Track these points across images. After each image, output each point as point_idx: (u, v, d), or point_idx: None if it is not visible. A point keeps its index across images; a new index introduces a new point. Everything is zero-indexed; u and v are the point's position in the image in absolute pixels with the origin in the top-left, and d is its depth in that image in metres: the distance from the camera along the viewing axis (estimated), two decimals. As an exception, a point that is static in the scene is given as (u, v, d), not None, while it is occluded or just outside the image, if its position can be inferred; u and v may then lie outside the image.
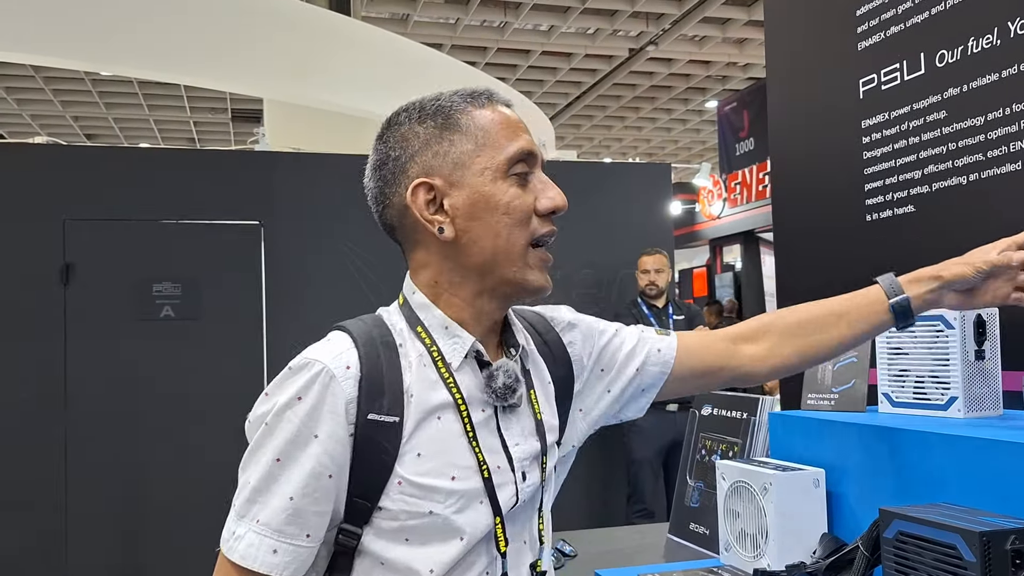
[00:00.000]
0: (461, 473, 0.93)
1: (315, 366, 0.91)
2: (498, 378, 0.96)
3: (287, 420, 0.89)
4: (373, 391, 0.91)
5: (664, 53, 11.59)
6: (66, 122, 13.80)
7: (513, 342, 1.04)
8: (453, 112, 0.98)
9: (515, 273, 0.97)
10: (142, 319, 3.94)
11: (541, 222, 0.98)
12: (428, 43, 10.34)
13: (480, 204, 0.95)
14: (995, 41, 1.57)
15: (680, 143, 17.38)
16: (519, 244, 0.96)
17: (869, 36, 1.86)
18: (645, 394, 1.15)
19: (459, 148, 0.97)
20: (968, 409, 1.41)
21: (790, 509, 1.42)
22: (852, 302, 1.17)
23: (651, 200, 4.83)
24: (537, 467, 1.01)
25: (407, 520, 0.91)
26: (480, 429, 0.96)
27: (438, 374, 0.95)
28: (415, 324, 0.98)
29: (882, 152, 1.82)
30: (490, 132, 0.97)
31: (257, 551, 0.88)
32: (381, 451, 0.90)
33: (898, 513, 1.11)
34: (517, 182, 0.97)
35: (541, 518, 1.03)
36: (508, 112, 1.01)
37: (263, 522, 0.88)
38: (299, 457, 0.89)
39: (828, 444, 1.51)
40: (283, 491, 0.88)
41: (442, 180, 0.96)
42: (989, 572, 0.98)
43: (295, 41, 5.62)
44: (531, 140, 1.00)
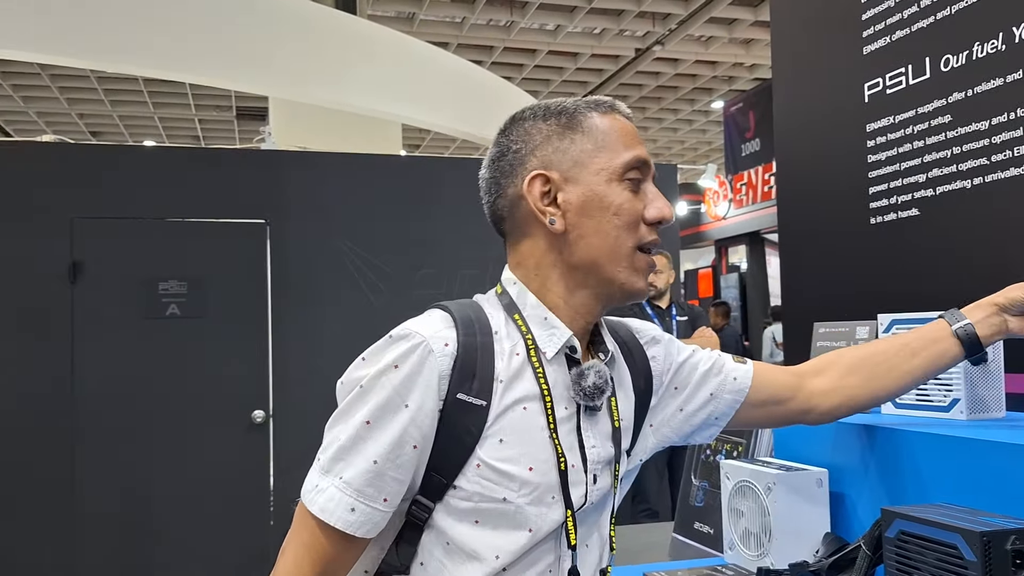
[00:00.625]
0: (539, 465, 0.95)
1: (415, 337, 0.93)
2: (588, 377, 0.98)
3: (381, 386, 0.92)
4: (466, 372, 0.94)
5: (670, 53, 11.60)
6: (71, 120, 13.84)
7: (603, 347, 1.06)
8: (577, 114, 1.02)
9: (619, 273, 1.00)
10: (148, 317, 3.97)
11: (648, 230, 1.01)
12: (434, 42, 10.36)
13: (593, 202, 0.99)
14: (1000, 46, 1.59)
15: (686, 143, 17.38)
16: (626, 246, 1.00)
17: (874, 40, 1.87)
18: (718, 422, 1.17)
19: (579, 147, 1.00)
20: (971, 411, 1.42)
21: (793, 508, 1.44)
22: (918, 335, 1.19)
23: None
24: (609, 472, 1.03)
25: (480, 502, 0.93)
26: (561, 425, 0.98)
27: (529, 363, 0.98)
28: (513, 312, 1.01)
29: (887, 156, 1.83)
30: (610, 136, 1.01)
31: (336, 507, 0.91)
32: (465, 431, 0.93)
33: (900, 513, 1.12)
34: (630, 187, 1.00)
35: (612, 524, 1.06)
36: (626, 122, 1.04)
37: (346, 480, 0.91)
38: (388, 423, 0.91)
39: (832, 444, 1.52)
40: (369, 453, 0.91)
41: (559, 175, 1.00)
42: (990, 572, 1.00)
43: (300, 40, 5.64)
44: (646, 152, 1.04)
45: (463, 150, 15.00)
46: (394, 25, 9.80)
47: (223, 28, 5.45)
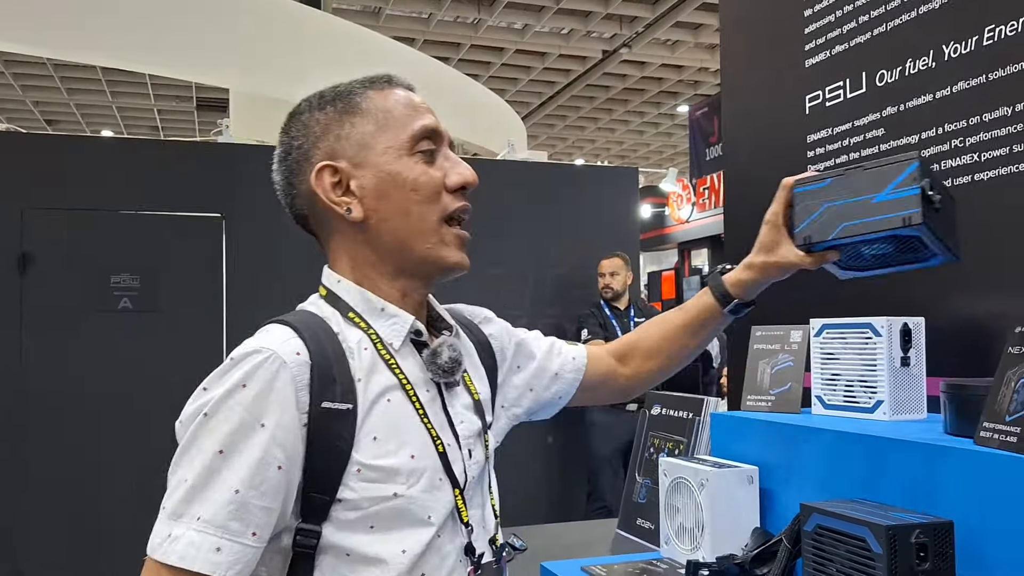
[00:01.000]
0: (419, 451, 0.93)
1: (262, 352, 0.87)
2: (443, 354, 0.97)
3: (230, 408, 0.84)
4: (325, 378, 0.89)
5: (637, 56, 11.70)
6: (26, 107, 13.57)
7: (444, 324, 1.04)
8: (353, 96, 0.99)
9: (429, 250, 0.97)
10: (100, 310, 3.93)
11: (453, 198, 0.98)
12: (400, 37, 10.34)
13: (387, 182, 0.96)
14: (931, 63, 1.65)
15: (652, 146, 17.53)
16: (431, 220, 0.97)
17: (816, 54, 1.93)
18: (560, 401, 1.22)
19: (360, 129, 0.97)
20: (893, 412, 1.48)
21: (725, 504, 1.49)
22: (690, 311, 1.26)
23: (618, 203, 4.90)
24: (480, 444, 1.02)
25: (370, 507, 0.88)
26: (428, 408, 0.96)
27: (379, 357, 0.95)
28: (346, 311, 0.97)
29: (825, 166, 1.90)
30: (392, 112, 0.98)
31: (198, 550, 0.82)
32: (337, 439, 0.88)
33: (816, 508, 1.17)
34: (423, 159, 0.97)
35: (492, 493, 1.05)
36: (409, 94, 1.02)
37: (205, 519, 0.82)
38: (245, 447, 0.84)
39: (764, 443, 1.58)
40: (227, 483, 0.83)
41: (347, 162, 0.97)
42: (894, 563, 1.05)
43: (260, 32, 5.61)
44: (436, 120, 1.01)
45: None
46: (360, 19, 9.76)
47: (183, 19, 5.40)
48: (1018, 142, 1.48)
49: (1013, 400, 1.14)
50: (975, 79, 1.56)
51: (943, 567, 1.08)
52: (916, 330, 1.51)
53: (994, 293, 1.56)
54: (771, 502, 1.53)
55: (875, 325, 1.51)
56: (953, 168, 1.60)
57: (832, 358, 1.59)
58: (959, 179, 1.59)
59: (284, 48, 5.66)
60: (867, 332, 1.52)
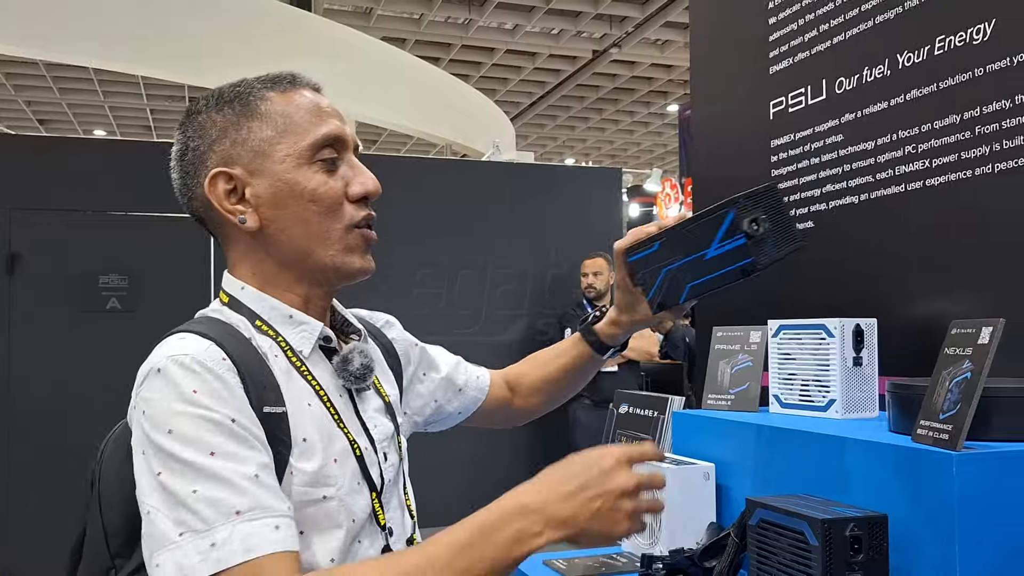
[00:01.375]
0: (340, 455, 0.92)
1: (183, 359, 0.84)
2: (354, 360, 0.96)
3: (194, 416, 0.81)
4: (257, 383, 0.87)
5: (627, 56, 11.77)
6: (18, 107, 13.57)
7: (352, 328, 1.04)
8: (252, 98, 0.94)
9: (332, 257, 0.94)
10: (88, 310, 3.97)
11: (356, 208, 0.95)
12: (391, 38, 10.39)
13: (284, 192, 0.92)
14: (886, 72, 1.70)
15: (642, 146, 17.59)
16: (334, 230, 0.93)
17: (779, 61, 1.98)
18: (460, 416, 1.26)
19: (258, 135, 0.92)
20: (845, 410, 1.53)
21: (682, 500, 1.54)
22: (567, 356, 1.33)
23: (602, 203, 4.95)
24: (394, 448, 1.02)
25: (302, 510, 0.87)
26: (342, 413, 0.95)
27: (292, 365, 0.93)
28: (253, 319, 0.94)
29: (788, 171, 1.95)
30: (292, 117, 0.93)
31: (261, 536, 0.77)
32: (280, 443, 0.87)
33: (760, 503, 1.22)
34: (324, 168, 0.93)
35: (407, 494, 1.05)
36: (314, 96, 0.97)
37: (245, 510, 0.78)
38: (231, 441, 0.81)
39: (722, 441, 1.62)
40: (240, 473, 0.80)
41: (242, 169, 0.92)
42: (829, 555, 1.10)
43: (248, 33, 5.65)
44: (340, 125, 0.96)
45: (419, 147, 15.00)
46: (351, 20, 9.80)
47: (171, 20, 5.44)
48: (965, 149, 1.53)
49: (946, 399, 1.18)
50: (927, 87, 1.61)
51: (877, 559, 1.13)
52: (868, 331, 1.56)
53: (945, 294, 1.61)
54: (728, 498, 1.58)
55: (828, 326, 1.55)
56: (907, 174, 1.65)
57: (789, 358, 1.63)
58: (912, 184, 1.64)
59: (271, 49, 5.70)
60: (821, 333, 1.57)
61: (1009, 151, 1.45)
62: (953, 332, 1.24)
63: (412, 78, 6.83)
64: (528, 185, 4.67)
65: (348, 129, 0.98)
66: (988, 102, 1.48)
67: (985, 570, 1.12)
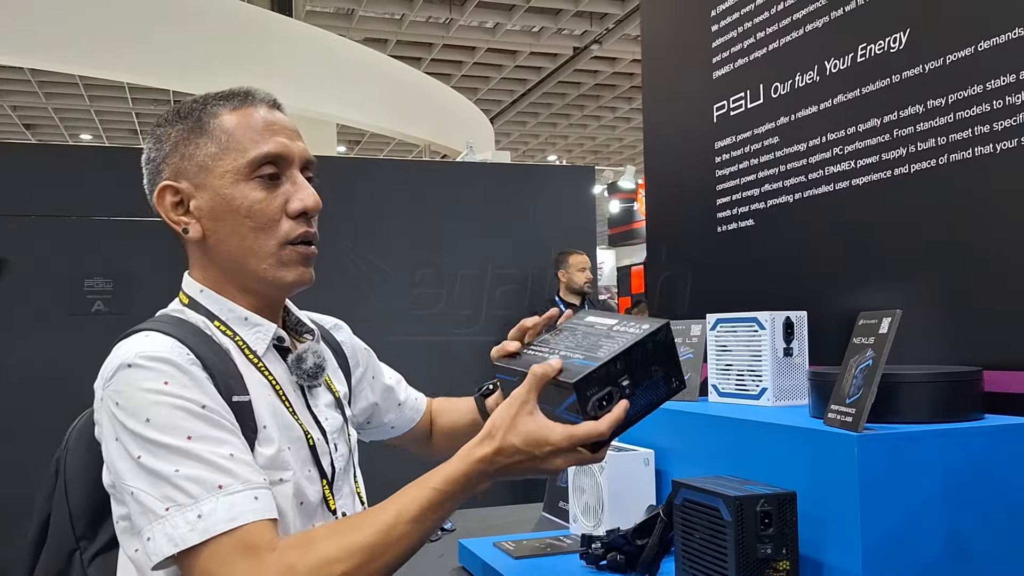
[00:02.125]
0: (294, 444, 1.00)
1: (158, 354, 0.90)
2: (307, 360, 1.03)
3: (168, 404, 0.87)
4: (222, 374, 0.94)
5: (608, 52, 11.85)
6: (4, 112, 13.58)
7: (305, 328, 1.11)
8: (203, 115, 1.00)
9: (266, 271, 0.99)
10: (74, 313, 4.04)
11: (294, 224, 0.99)
12: (373, 39, 10.46)
13: (222, 207, 0.97)
14: (815, 77, 1.80)
15: (625, 141, 17.68)
16: (268, 246, 0.98)
17: (722, 66, 2.08)
18: (393, 431, 1.35)
19: (204, 151, 0.98)
20: (776, 398, 1.63)
21: (622, 484, 1.64)
22: (469, 413, 1.37)
23: (576, 201, 5.03)
24: (344, 439, 1.10)
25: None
26: (295, 405, 1.03)
27: (249, 362, 1.00)
28: (212, 319, 1.01)
29: (730, 171, 2.04)
30: (235, 135, 0.98)
31: (243, 505, 0.85)
32: (248, 430, 0.94)
33: (684, 484, 1.32)
34: (263, 185, 0.98)
35: (357, 483, 1.13)
36: (266, 113, 1.01)
37: (227, 484, 0.86)
38: (205, 424, 0.88)
39: (662, 429, 1.72)
40: (218, 452, 0.87)
41: (187, 183, 0.99)
42: (741, 530, 1.20)
43: (230, 38, 5.72)
44: (284, 143, 1.00)
45: (401, 147, 15.07)
46: (332, 21, 9.86)
47: (153, 27, 5.51)
48: (886, 150, 1.63)
49: (852, 384, 1.29)
50: (851, 92, 1.71)
51: (787, 532, 1.23)
52: (799, 323, 1.66)
53: (871, 286, 1.71)
54: (666, 482, 1.68)
55: (760, 319, 1.65)
56: (835, 174, 1.75)
57: (725, 350, 1.73)
58: (840, 183, 1.74)
59: (251, 54, 5.77)
60: (754, 326, 1.67)
61: (924, 152, 1.55)
62: (860, 323, 1.35)
63: (389, 79, 6.92)
64: (500, 185, 4.75)
65: (298, 146, 1.02)
66: (904, 106, 1.58)
67: (886, 542, 1.22)
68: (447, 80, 11.55)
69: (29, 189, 4.04)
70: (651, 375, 0.98)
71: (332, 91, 6.23)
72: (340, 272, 4.11)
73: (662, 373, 1.00)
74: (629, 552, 1.43)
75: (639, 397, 0.98)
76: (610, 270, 14.26)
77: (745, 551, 1.20)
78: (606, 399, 0.94)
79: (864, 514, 1.21)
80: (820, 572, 1.28)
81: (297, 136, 1.03)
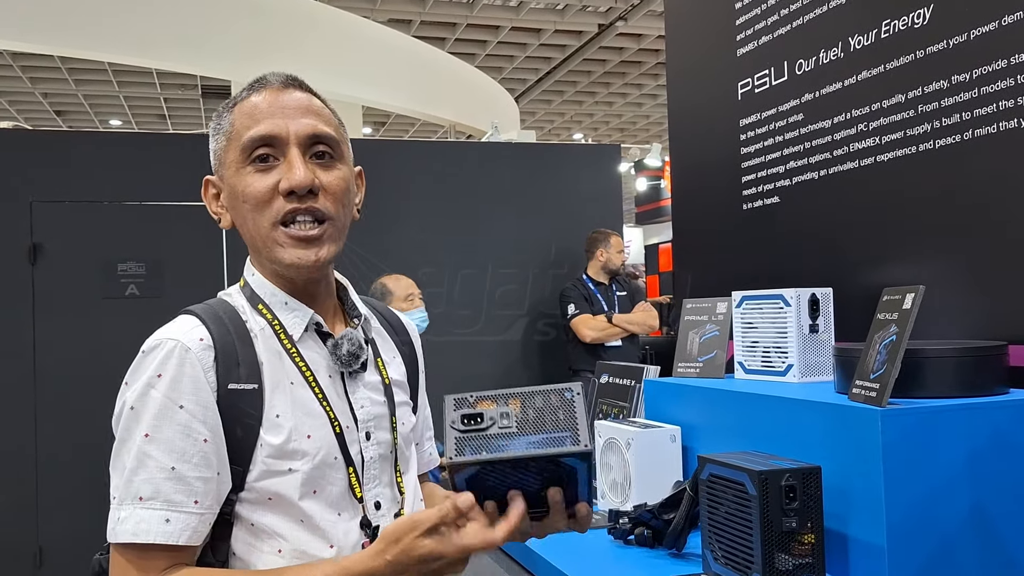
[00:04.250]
0: (316, 432, 0.98)
1: (168, 343, 0.95)
2: (342, 346, 1.02)
3: (151, 398, 0.92)
4: (229, 361, 0.96)
5: (633, 29, 11.72)
6: (35, 99, 13.75)
7: (356, 312, 1.09)
8: (224, 111, 1.04)
9: (269, 253, 1.00)
10: (108, 297, 4.13)
11: (285, 201, 0.98)
12: (396, 19, 10.44)
13: (231, 195, 1.02)
14: (839, 54, 1.80)
15: (651, 118, 17.53)
16: (263, 227, 0.99)
17: (746, 44, 2.07)
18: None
19: (219, 145, 1.03)
20: (802, 374, 1.65)
21: (649, 460, 1.66)
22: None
23: (600, 180, 5.02)
24: (386, 427, 1.06)
25: (267, 478, 0.95)
26: (328, 391, 1.01)
27: (282, 346, 1.01)
28: (256, 302, 1.03)
29: (755, 148, 2.05)
30: (235, 125, 1.01)
31: (149, 524, 0.89)
32: (247, 416, 0.95)
33: (710, 459, 1.34)
34: (258, 168, 0.99)
35: (399, 473, 1.08)
36: (263, 96, 1.01)
37: (148, 496, 0.90)
38: (169, 428, 0.92)
39: (688, 405, 1.74)
40: (160, 462, 0.91)
41: (217, 176, 1.05)
42: (766, 503, 1.22)
43: (257, 21, 5.76)
44: (274, 123, 0.99)
45: (425, 128, 15.08)
46: (356, 3, 9.85)
47: (180, 13, 5.56)
48: (911, 126, 1.63)
49: (876, 360, 1.30)
50: (875, 69, 1.70)
51: (811, 506, 1.25)
52: (824, 300, 1.67)
53: (896, 262, 1.72)
54: (693, 458, 1.70)
55: (785, 296, 1.67)
56: (860, 150, 1.75)
57: (751, 327, 1.75)
58: (865, 160, 1.74)
59: (276, 38, 5.81)
60: (779, 303, 1.68)
61: (949, 128, 1.55)
62: (884, 299, 1.35)
63: (414, 60, 6.93)
64: (526, 164, 4.75)
65: (297, 123, 1.00)
66: (928, 82, 1.58)
67: (911, 516, 1.24)
68: (471, 60, 11.52)
69: (63, 175, 4.12)
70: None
71: (357, 73, 6.25)
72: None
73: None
74: (656, 527, 1.46)
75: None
76: (638, 248, 14.20)
77: (770, 525, 1.22)
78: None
79: (888, 488, 1.23)
80: (845, 545, 1.30)
81: (303, 113, 1.01)
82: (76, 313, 4.07)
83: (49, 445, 4.00)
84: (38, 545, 3.95)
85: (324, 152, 1.01)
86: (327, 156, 1.01)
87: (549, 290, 4.65)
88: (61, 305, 4.06)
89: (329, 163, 1.01)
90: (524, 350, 4.49)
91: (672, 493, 1.48)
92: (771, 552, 1.22)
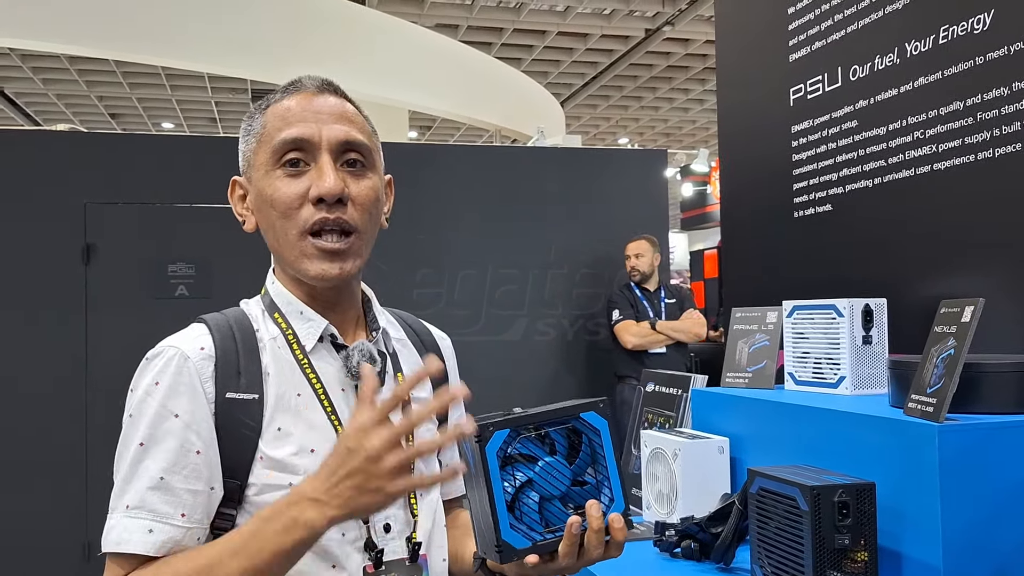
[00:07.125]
0: (320, 446, 0.94)
1: (168, 351, 0.94)
2: (353, 357, 0.98)
3: (148, 406, 0.92)
4: (229, 370, 0.94)
5: (681, 33, 11.65)
6: (91, 102, 14.11)
7: (375, 325, 1.05)
8: (256, 113, 1.01)
9: (294, 262, 0.97)
10: (158, 297, 4.21)
11: (314, 210, 0.95)
12: (443, 24, 10.52)
13: (259, 198, 0.99)
14: (895, 60, 1.76)
15: (697, 123, 17.40)
16: (290, 235, 0.96)
17: (798, 49, 2.04)
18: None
19: (249, 147, 1.01)
20: (855, 387, 1.61)
21: (696, 472, 1.64)
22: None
23: (646, 185, 4.99)
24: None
25: (265, 493, 0.91)
26: (339, 405, 0.98)
27: (293, 357, 0.98)
28: (273, 311, 1.01)
29: (807, 155, 2.01)
30: (266, 127, 0.98)
31: (131, 534, 0.88)
32: (244, 427, 0.92)
33: (760, 472, 1.32)
34: (288, 172, 0.96)
35: (413, 495, 1.02)
36: (297, 100, 0.99)
37: (134, 506, 0.89)
38: (163, 437, 0.90)
39: (737, 417, 1.72)
40: (150, 471, 0.90)
41: (245, 178, 1.02)
42: (818, 520, 1.20)
43: (305, 27, 5.84)
44: (307, 126, 0.97)
45: (471, 133, 15.13)
46: (404, 8, 9.94)
47: (230, 18, 5.66)
48: (969, 135, 1.59)
49: (933, 374, 1.26)
50: (932, 75, 1.66)
51: (864, 523, 1.22)
52: (878, 311, 1.63)
53: (952, 273, 1.67)
54: (742, 470, 1.67)
55: (838, 306, 1.63)
56: (916, 158, 1.71)
57: (802, 337, 1.72)
58: (921, 168, 1.70)
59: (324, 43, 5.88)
60: (832, 313, 1.65)
61: (1009, 136, 1.51)
62: (941, 311, 1.32)
63: (460, 65, 6.96)
64: (572, 169, 4.74)
65: (330, 129, 0.97)
66: (988, 89, 1.54)
67: (967, 535, 1.20)
68: (518, 64, 11.55)
69: (116, 177, 4.21)
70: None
71: (404, 77, 6.30)
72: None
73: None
74: (703, 540, 1.44)
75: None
76: (682, 254, 14.08)
77: (822, 541, 1.20)
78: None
79: (945, 506, 1.20)
80: (899, 564, 1.27)
81: (336, 119, 0.98)
82: (127, 312, 4.15)
83: (99, 441, 4.08)
84: (87, 539, 4.04)
85: (356, 160, 0.98)
86: (359, 164, 0.99)
87: (592, 293, 4.64)
88: (113, 304, 4.14)
89: (360, 172, 0.98)
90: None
91: (720, 506, 1.46)
92: (823, 569, 1.19)
